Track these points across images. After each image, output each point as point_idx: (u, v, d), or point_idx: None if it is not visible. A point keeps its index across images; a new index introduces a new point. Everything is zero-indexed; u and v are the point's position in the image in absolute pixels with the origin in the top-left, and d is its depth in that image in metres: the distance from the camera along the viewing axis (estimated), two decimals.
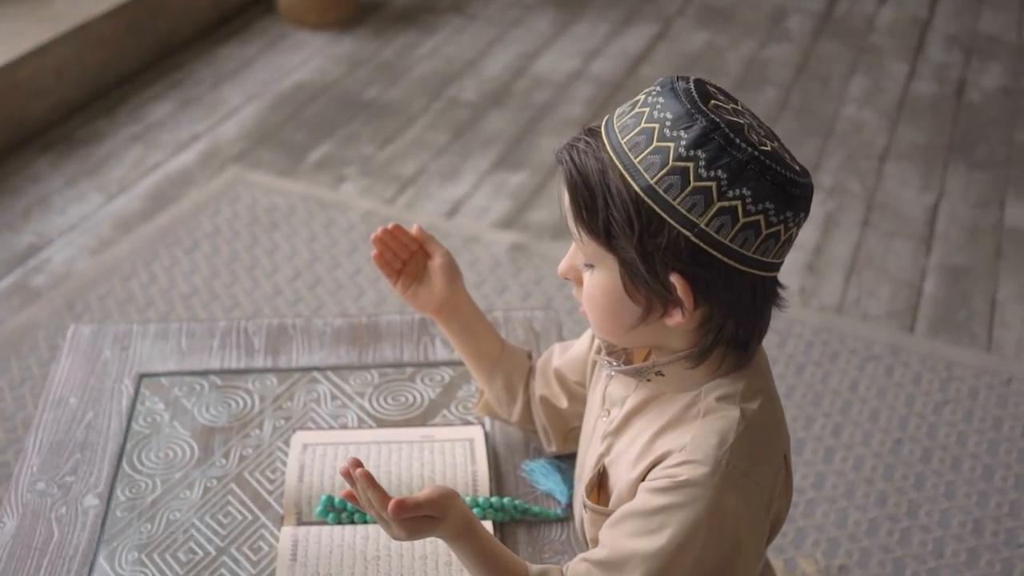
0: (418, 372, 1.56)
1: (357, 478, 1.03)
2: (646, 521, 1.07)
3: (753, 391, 1.09)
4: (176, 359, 1.57)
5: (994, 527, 2.15)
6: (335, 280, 2.75)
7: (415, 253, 1.34)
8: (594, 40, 4.11)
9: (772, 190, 0.98)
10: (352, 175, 3.23)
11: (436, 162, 3.31)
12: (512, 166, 3.30)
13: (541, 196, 3.16)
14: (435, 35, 4.10)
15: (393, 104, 3.62)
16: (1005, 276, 2.91)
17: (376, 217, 3.00)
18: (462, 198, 3.14)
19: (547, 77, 3.84)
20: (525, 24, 4.22)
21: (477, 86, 3.76)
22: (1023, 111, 3.72)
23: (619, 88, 3.78)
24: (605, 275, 1.05)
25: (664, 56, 4.01)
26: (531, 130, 3.50)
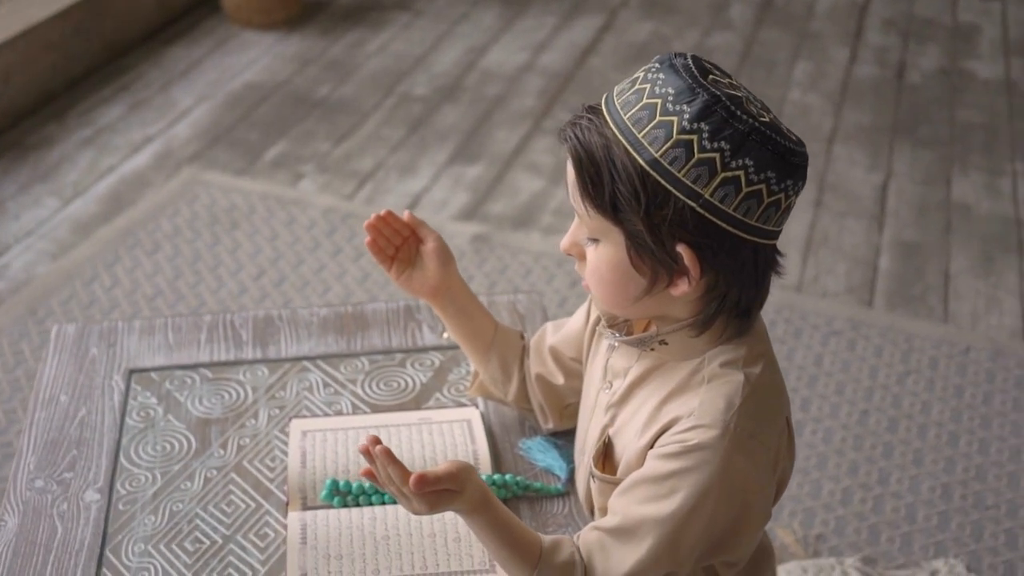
0: (407, 357, 1.57)
1: (377, 455, 1.05)
2: (657, 487, 1.09)
3: (755, 356, 1.12)
4: (164, 354, 1.57)
5: (962, 491, 2.21)
6: (300, 277, 2.75)
7: (407, 239, 1.36)
8: (541, 33, 4.14)
9: (773, 159, 1.01)
10: (310, 172, 3.22)
11: (393, 157, 3.31)
12: (469, 159, 3.32)
13: (499, 187, 3.18)
14: (382, 32, 4.10)
15: (345, 101, 3.62)
16: (956, 250, 2.99)
17: (336, 213, 3.00)
18: (421, 192, 3.15)
19: (497, 71, 3.86)
20: (471, 19, 4.24)
21: (428, 81, 3.77)
22: (961, 91, 3.82)
23: (569, 80, 3.81)
24: (610, 248, 1.08)
25: (611, 47, 4.06)
26: (485, 123, 3.52)
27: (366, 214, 2.99)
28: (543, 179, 3.23)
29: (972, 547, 2.09)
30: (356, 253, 2.84)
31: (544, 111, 3.60)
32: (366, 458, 1.06)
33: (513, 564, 1.12)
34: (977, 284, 2.86)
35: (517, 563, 1.12)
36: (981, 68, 3.97)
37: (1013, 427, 2.38)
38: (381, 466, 1.05)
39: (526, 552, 1.12)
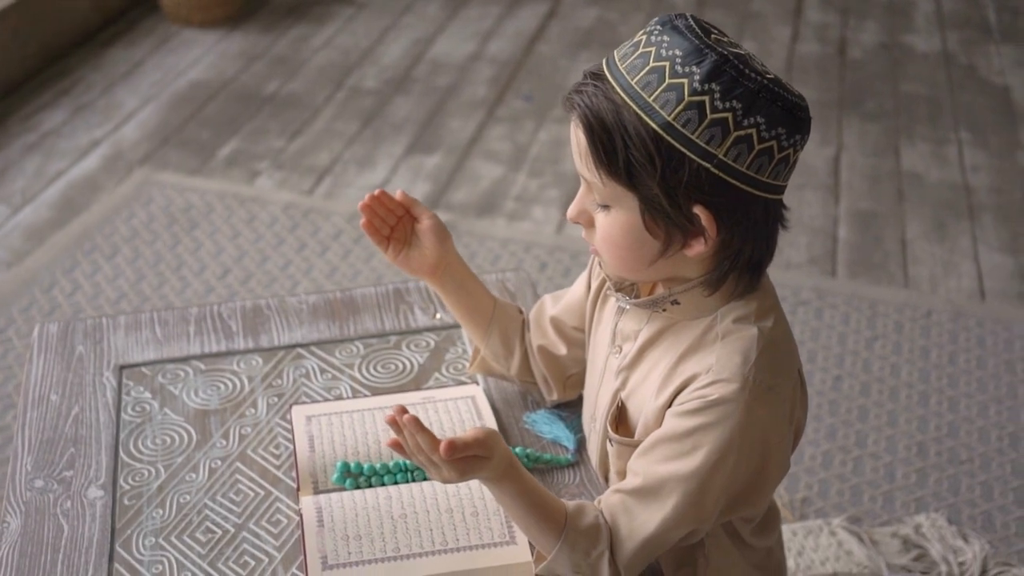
0: (402, 340, 1.56)
1: (406, 424, 1.04)
2: (679, 444, 1.10)
3: (765, 310, 1.14)
4: (154, 348, 1.54)
5: (937, 448, 2.26)
6: (266, 274, 2.72)
7: (401, 218, 1.35)
8: (486, 22, 4.14)
9: (783, 115, 1.02)
10: (266, 169, 3.19)
11: (349, 150, 3.29)
12: (426, 149, 3.31)
13: (460, 176, 3.17)
14: (327, 26, 4.07)
15: (296, 97, 3.59)
16: (910, 217, 3.05)
17: (297, 209, 2.97)
18: (381, 184, 3.13)
19: (446, 61, 3.85)
20: (415, 11, 4.22)
21: (377, 74, 3.75)
22: (902, 63, 3.89)
23: (519, 67, 3.82)
24: (623, 214, 1.08)
25: (558, 33, 4.07)
26: (439, 113, 3.51)
27: (327, 209, 2.97)
28: (502, 166, 3.23)
29: (951, 500, 2.13)
30: (321, 248, 2.82)
31: (497, 99, 3.60)
32: (393, 428, 1.05)
33: (539, 531, 1.12)
34: (933, 249, 2.92)
35: (543, 529, 1.12)
36: (919, 42, 4.05)
37: (979, 384, 2.43)
38: (409, 435, 1.04)
39: (552, 518, 1.12)
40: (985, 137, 3.45)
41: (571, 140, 1.10)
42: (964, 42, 4.05)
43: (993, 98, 3.68)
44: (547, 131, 3.42)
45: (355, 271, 2.74)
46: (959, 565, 1.96)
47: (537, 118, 3.49)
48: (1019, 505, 2.12)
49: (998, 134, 3.47)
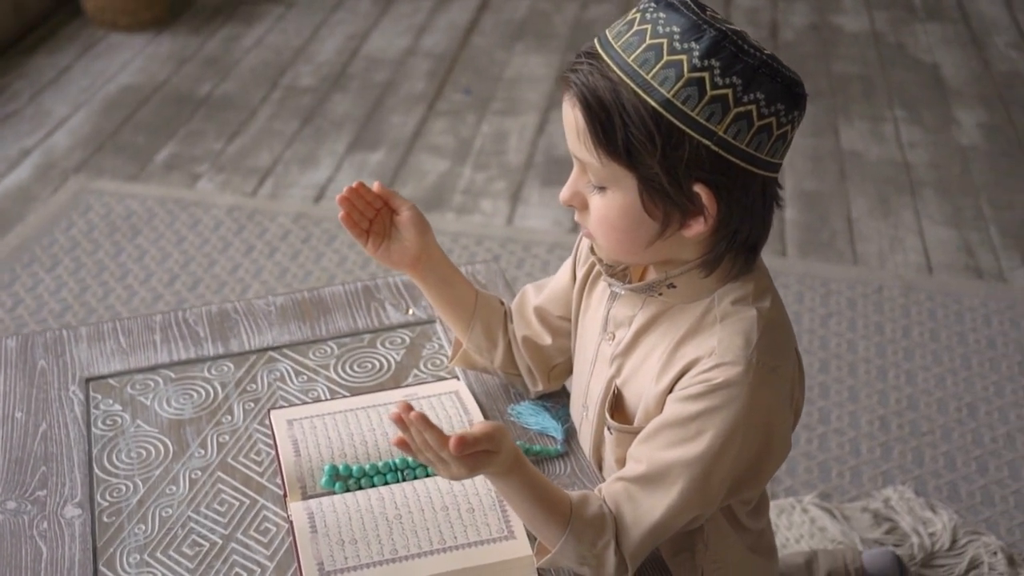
0: (376, 337, 1.53)
1: (412, 420, 1.01)
2: (683, 429, 1.09)
3: (762, 291, 1.13)
4: (119, 359, 1.49)
5: (898, 421, 2.28)
6: (215, 278, 2.66)
7: (380, 211, 1.31)
8: (419, 16, 4.10)
9: (782, 91, 1.01)
10: (206, 172, 3.12)
11: (290, 150, 3.23)
12: (368, 146, 3.26)
13: (405, 172, 3.14)
14: (256, 25, 4.00)
15: (230, 98, 3.52)
16: (854, 195, 3.08)
17: (241, 211, 2.91)
18: (325, 182, 3.08)
19: (381, 56, 3.81)
20: (346, 7, 4.16)
21: (313, 71, 3.69)
22: (832, 44, 3.93)
23: (456, 60, 3.78)
24: (620, 195, 1.06)
25: (492, 25, 4.04)
26: (379, 109, 3.47)
27: (272, 210, 2.92)
28: (447, 160, 3.20)
29: (916, 472, 2.16)
30: (269, 249, 2.76)
31: (436, 93, 3.57)
32: (399, 426, 1.02)
33: (544, 523, 1.10)
34: (878, 226, 2.95)
35: (549, 521, 1.10)
36: (847, 22, 4.10)
37: (934, 356, 2.46)
38: (416, 432, 1.01)
39: (557, 510, 1.10)
40: (919, 114, 3.50)
41: (565, 121, 1.08)
42: (892, 21, 4.11)
43: (923, 75, 3.74)
44: (489, 124, 3.40)
45: (305, 272, 2.69)
46: (930, 536, 1.98)
47: (478, 111, 3.47)
48: (982, 474, 2.15)
49: (931, 110, 3.53)
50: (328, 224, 2.85)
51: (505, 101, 3.53)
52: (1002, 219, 2.98)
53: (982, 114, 3.51)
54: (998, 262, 2.80)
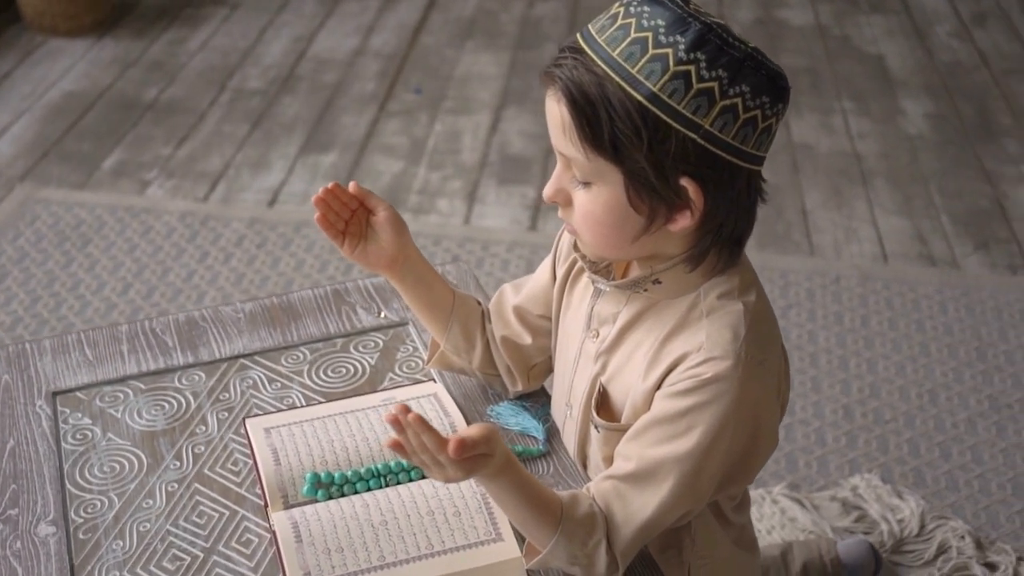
0: (349, 342, 1.51)
1: (409, 423, 0.99)
2: (673, 426, 1.08)
3: (747, 284, 1.13)
4: (87, 371, 1.46)
5: (862, 409, 2.30)
6: (170, 286, 2.61)
7: (355, 211, 1.29)
8: (367, 16, 4.07)
9: (767, 84, 1.01)
10: (156, 178, 3.06)
11: (241, 154, 3.19)
12: (320, 147, 3.23)
13: (359, 173, 3.11)
14: (201, 28, 3.94)
15: (178, 102, 3.46)
16: (807, 187, 3.11)
17: (194, 217, 2.86)
18: (279, 186, 3.04)
19: (329, 57, 3.77)
20: (292, 8, 4.12)
21: (260, 74, 3.65)
22: (779, 38, 3.96)
23: (405, 60, 3.76)
24: (606, 190, 1.05)
25: (440, 24, 4.02)
26: (329, 110, 3.43)
27: (225, 215, 2.87)
28: (401, 160, 3.18)
29: (881, 460, 2.18)
30: (224, 255, 2.72)
31: (387, 94, 3.54)
32: (395, 428, 1.00)
33: (536, 524, 1.09)
34: (832, 216, 2.98)
35: (540, 522, 1.09)
36: (793, 16, 4.13)
37: (893, 344, 2.49)
38: (414, 435, 0.99)
39: (548, 510, 1.09)
40: (867, 105, 3.54)
41: (549, 116, 1.06)
42: (836, 14, 4.15)
43: (869, 66, 3.79)
44: (442, 123, 3.38)
45: (262, 277, 2.65)
46: (898, 523, 2.00)
47: (430, 110, 3.45)
48: (945, 459, 2.18)
49: (878, 101, 3.57)
50: (284, 228, 2.81)
51: (457, 100, 3.51)
52: (952, 207, 3.02)
53: (928, 103, 3.56)
54: (951, 249, 2.84)
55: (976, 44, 3.96)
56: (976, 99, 3.59)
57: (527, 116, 3.42)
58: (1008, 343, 2.50)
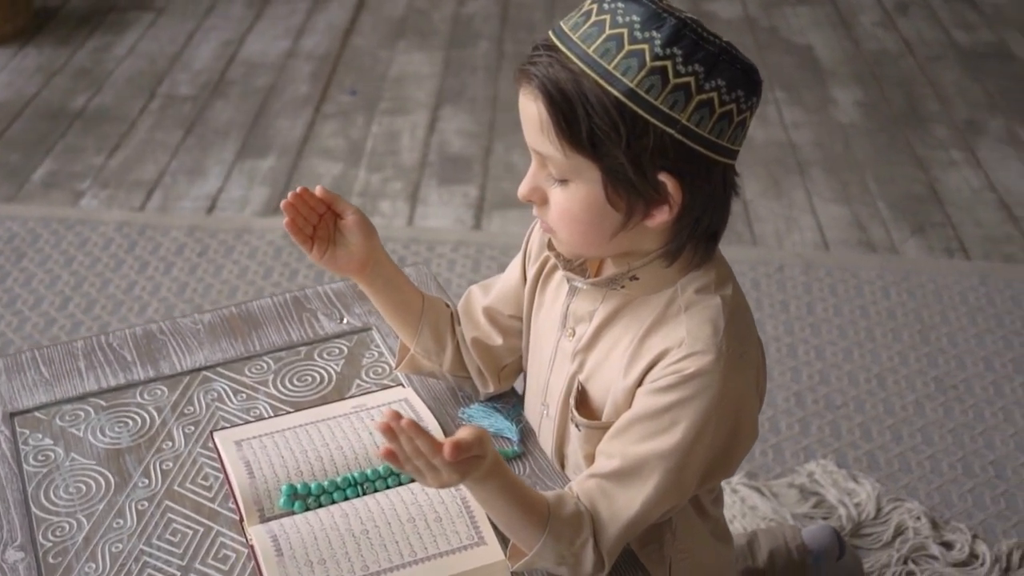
0: (312, 349, 1.49)
1: (403, 429, 0.97)
2: (656, 422, 1.08)
3: (723, 278, 1.13)
4: (44, 390, 1.41)
5: (813, 396, 2.33)
6: (111, 298, 2.56)
7: (323, 216, 1.27)
8: (296, 18, 4.02)
9: (742, 78, 1.02)
10: (89, 189, 3.00)
11: (176, 161, 3.13)
12: (257, 152, 3.18)
13: (297, 177, 3.07)
14: (126, 34, 3.86)
15: (106, 110, 3.39)
16: (746, 178, 3.14)
17: (131, 227, 2.80)
18: (216, 192, 2.99)
19: (260, 60, 3.72)
20: (218, 11, 4.06)
21: (191, 79, 3.59)
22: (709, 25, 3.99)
23: (338, 61, 3.73)
24: (583, 187, 1.05)
25: (371, 24, 3.99)
26: (263, 114, 3.39)
27: (164, 224, 2.82)
28: (340, 162, 3.14)
29: (835, 445, 2.21)
30: (165, 265, 2.67)
31: (321, 96, 3.50)
32: (387, 436, 0.98)
33: (523, 525, 1.08)
34: (772, 206, 3.02)
35: (528, 523, 1.08)
36: (721, 8, 4.18)
37: (839, 331, 2.53)
38: (407, 440, 0.97)
39: (535, 511, 1.08)
40: (799, 94, 3.59)
41: (524, 115, 1.06)
42: (763, 5, 4.20)
43: (799, 57, 3.84)
44: (379, 124, 3.35)
45: (205, 286, 2.60)
46: (855, 506, 2.03)
47: (366, 112, 3.42)
48: (897, 442, 2.22)
49: (810, 91, 3.62)
50: (224, 235, 2.77)
51: (393, 100, 3.49)
52: (887, 193, 3.07)
53: (857, 92, 3.62)
54: (889, 235, 2.89)
55: (900, 32, 4.04)
56: (903, 86, 3.66)
57: (464, 115, 3.41)
58: (950, 325, 2.55)
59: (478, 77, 3.64)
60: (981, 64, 3.83)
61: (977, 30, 4.07)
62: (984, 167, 3.22)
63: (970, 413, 2.29)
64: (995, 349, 2.47)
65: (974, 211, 3.01)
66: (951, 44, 3.97)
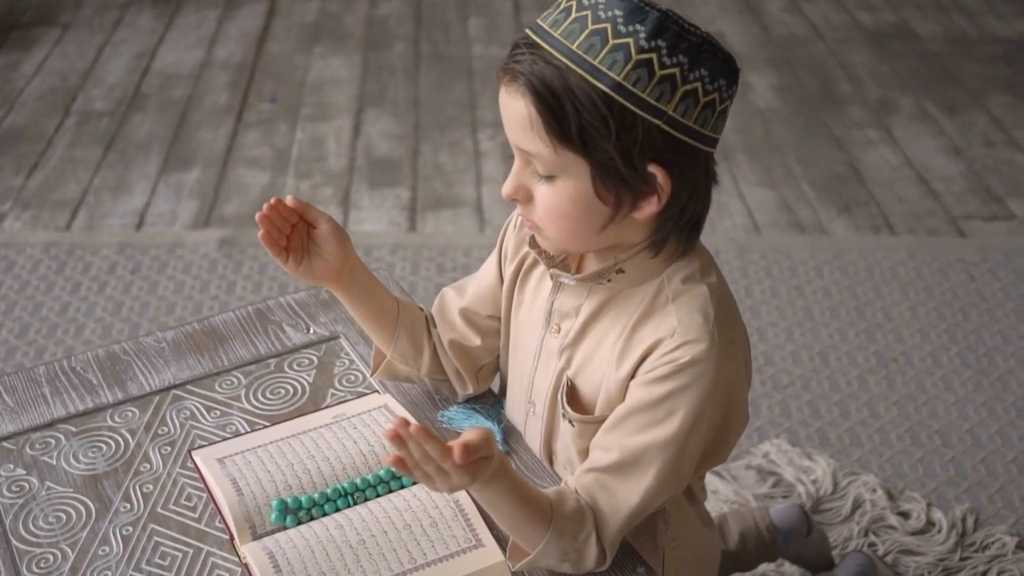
0: (282, 361, 1.47)
1: (412, 435, 0.96)
2: (652, 412, 1.09)
3: (706, 266, 1.15)
4: (10, 419, 1.37)
5: (760, 377, 2.38)
6: (44, 322, 2.48)
7: (295, 226, 1.25)
8: (207, 27, 3.95)
9: (723, 67, 1.03)
10: (11, 210, 2.91)
11: (98, 178, 3.05)
12: (181, 165, 3.12)
13: (225, 188, 3.02)
14: (33, 51, 3.75)
15: (20, 129, 3.29)
16: None
17: (59, 248, 2.73)
18: (143, 208, 2.92)
19: (175, 72, 3.65)
20: (127, 24, 3.97)
21: (105, 94, 3.50)
22: None
23: (255, 69, 3.67)
24: (571, 183, 1.05)
25: (284, 30, 3.94)
26: (184, 126, 3.32)
27: (92, 243, 2.75)
28: (267, 171, 3.10)
29: (786, 424, 2.25)
30: (98, 284, 2.60)
31: (242, 105, 3.45)
32: (395, 443, 0.96)
33: (528, 523, 1.08)
34: None
35: (533, 521, 1.08)
36: None
37: (778, 312, 2.58)
38: (416, 446, 0.96)
39: (539, 508, 1.08)
40: None
41: (508, 113, 1.05)
42: None
43: None
44: (302, 130, 3.32)
45: (142, 303, 2.55)
46: (813, 483, 2.08)
47: (289, 119, 3.38)
48: (845, 417, 2.27)
49: None
50: (156, 251, 2.71)
51: (314, 106, 3.45)
52: (810, 175, 3.14)
53: (772, 76, 3.69)
54: (816, 215, 2.96)
55: (807, 17, 4.13)
56: (816, 70, 3.75)
57: (388, 118, 3.39)
58: (883, 300, 2.62)
59: (398, 79, 3.63)
60: (887, 44, 3.94)
61: (880, 11, 4.19)
62: (900, 144, 3.31)
63: (912, 384, 2.35)
64: (929, 321, 2.55)
65: (895, 188, 3.10)
66: (857, 26, 4.07)
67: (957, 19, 4.13)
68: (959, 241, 2.85)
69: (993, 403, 2.31)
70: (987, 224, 2.94)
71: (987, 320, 2.56)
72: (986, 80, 3.70)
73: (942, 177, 3.15)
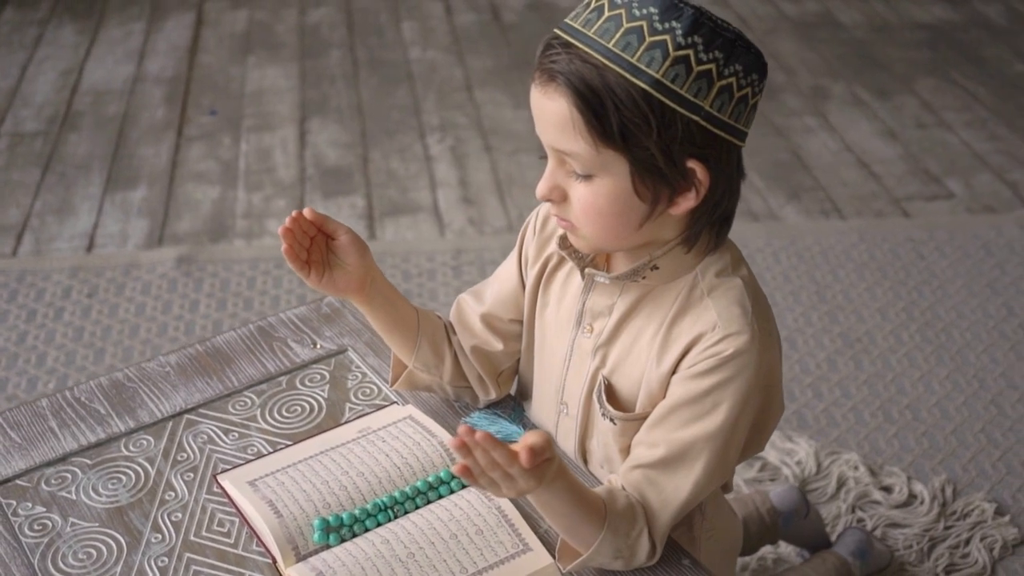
0: (293, 378, 1.45)
1: (478, 443, 0.95)
2: (698, 406, 1.11)
3: (737, 260, 1.17)
4: (20, 457, 1.33)
5: None
6: (2, 351, 2.41)
7: (314, 239, 1.24)
8: (134, 41, 3.87)
9: (755, 62, 1.05)
10: None
11: (39, 201, 2.97)
12: (126, 183, 3.05)
13: (175, 206, 2.96)
14: None
15: None
16: None
17: (8, 275, 2.65)
18: (91, 229, 2.85)
19: (106, 88, 3.57)
20: (48, 40, 3.86)
21: (35, 114, 3.41)
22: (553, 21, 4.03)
23: (190, 81, 3.61)
24: (609, 180, 1.06)
25: (215, 41, 3.88)
26: (124, 143, 3.25)
27: (42, 268, 2.67)
28: (216, 185, 3.05)
29: None
30: (54, 311, 2.53)
31: (181, 119, 3.38)
32: (461, 452, 0.95)
33: (584, 523, 1.09)
34: None
35: (589, 520, 1.08)
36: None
37: None
38: (482, 453, 0.95)
39: (594, 508, 1.09)
40: None
41: (544, 114, 1.05)
42: None
43: None
44: (247, 142, 3.27)
45: (104, 328, 2.48)
46: (797, 465, 2.12)
47: (231, 131, 3.32)
48: (818, 399, 2.31)
49: None
50: (112, 272, 2.65)
51: (256, 117, 3.40)
52: (757, 163, 3.20)
53: None
54: (767, 203, 3.01)
55: (734, 9, 4.19)
56: None
57: (333, 125, 3.35)
58: (841, 282, 2.68)
59: (338, 86, 3.59)
60: (813, 33, 4.03)
61: (803, 2, 4.27)
62: (838, 130, 3.39)
63: (878, 363, 2.41)
64: (887, 300, 2.61)
65: (838, 172, 3.17)
66: (782, 17, 4.15)
67: (878, 7, 4.24)
68: (905, 222, 2.93)
69: (956, 376, 2.37)
70: (929, 204, 3.03)
71: (940, 296, 2.63)
72: (911, 65, 3.80)
73: (881, 160, 3.23)
